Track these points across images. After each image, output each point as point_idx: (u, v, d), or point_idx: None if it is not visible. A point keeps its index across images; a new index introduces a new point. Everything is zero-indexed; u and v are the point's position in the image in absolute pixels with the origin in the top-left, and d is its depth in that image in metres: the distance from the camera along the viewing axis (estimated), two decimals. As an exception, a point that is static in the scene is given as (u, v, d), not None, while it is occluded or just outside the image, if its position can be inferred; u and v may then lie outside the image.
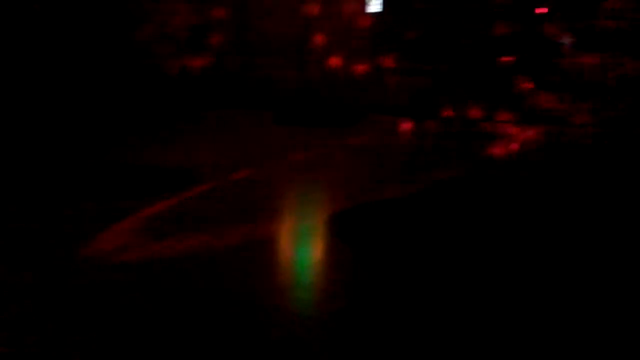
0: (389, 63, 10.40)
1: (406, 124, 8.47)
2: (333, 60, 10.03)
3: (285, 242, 4.67)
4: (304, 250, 4.47)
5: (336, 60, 10.09)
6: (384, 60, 10.44)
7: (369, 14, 11.18)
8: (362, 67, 10.13)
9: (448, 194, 5.56)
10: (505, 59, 11.05)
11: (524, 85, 10.34)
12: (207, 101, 9.95)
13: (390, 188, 5.70)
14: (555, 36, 12.53)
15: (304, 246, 4.55)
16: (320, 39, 10.02)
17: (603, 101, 9.92)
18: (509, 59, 11.09)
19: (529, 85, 10.40)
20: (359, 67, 10.12)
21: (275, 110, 9.24)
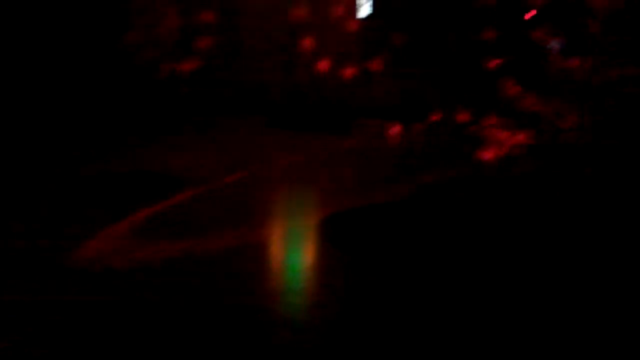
0: (377, 67, 10.43)
1: (395, 127, 8.48)
2: (322, 64, 10.04)
3: (276, 247, 4.68)
4: (295, 255, 4.49)
5: (325, 64, 10.10)
6: (373, 64, 10.47)
7: (358, 18, 11.21)
8: (351, 71, 10.15)
9: (437, 197, 5.60)
10: (493, 62, 11.12)
11: (511, 88, 10.41)
12: (197, 105, 9.92)
13: (380, 192, 5.73)
14: (542, 40, 12.62)
15: (295, 251, 4.57)
16: (309, 43, 10.04)
17: (589, 104, 10.01)
18: (497, 62, 11.16)
19: (516, 88, 10.47)
20: (348, 71, 10.14)
21: (265, 114, 9.24)
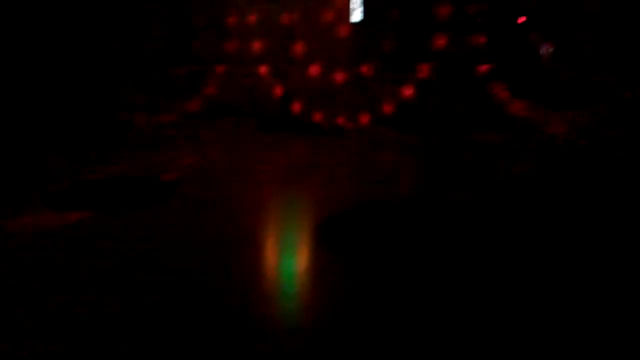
0: (370, 72, 10.53)
1: (387, 132, 8.59)
2: (314, 69, 10.13)
3: (269, 250, 4.75)
4: (289, 257, 4.56)
5: (318, 70, 10.19)
6: (366, 70, 10.56)
7: (350, 24, 11.30)
8: (344, 76, 10.24)
9: (433, 199, 5.67)
10: (483, 67, 11.24)
11: (501, 93, 10.54)
12: (190, 108, 9.98)
13: (375, 195, 5.81)
14: (533, 45, 12.75)
15: (289, 254, 4.64)
16: (302, 49, 10.12)
17: (578, 109, 10.15)
18: (487, 67, 11.28)
19: (505, 93, 10.60)
20: (341, 76, 10.23)
21: (256, 118, 9.31)
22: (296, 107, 9.44)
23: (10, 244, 4.54)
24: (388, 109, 9.43)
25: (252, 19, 10.14)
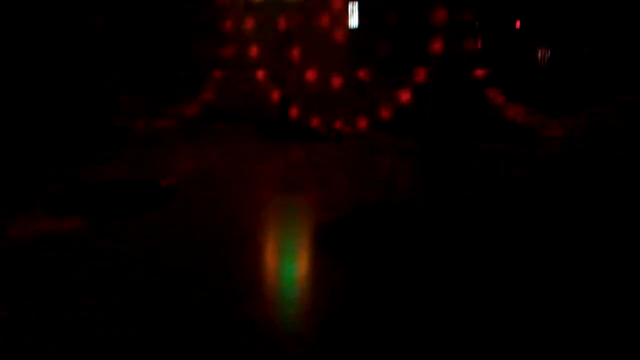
0: (367, 77, 10.57)
1: (384, 137, 8.62)
2: (312, 74, 10.16)
3: (269, 255, 4.77)
4: (288, 262, 4.58)
5: (316, 74, 10.22)
6: (363, 75, 10.60)
7: (348, 29, 11.34)
8: (342, 81, 10.28)
9: (432, 202, 5.70)
10: (480, 72, 11.29)
11: (497, 98, 10.60)
12: (189, 113, 10.00)
13: (374, 200, 5.83)
14: (530, 50, 12.82)
15: (288, 258, 4.66)
16: (300, 53, 10.15)
17: (575, 113, 10.21)
18: (483, 72, 11.33)
19: (501, 98, 10.66)
20: (338, 81, 10.27)
21: (255, 124, 9.34)
22: (294, 112, 9.47)
23: (9, 250, 4.55)
24: (386, 113, 9.47)
25: (250, 23, 10.17)
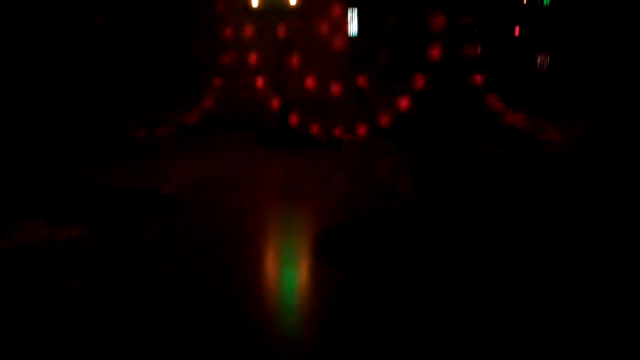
0: (367, 84, 10.59)
1: (385, 143, 8.64)
2: (312, 82, 10.19)
3: (269, 264, 4.79)
4: (288, 272, 4.61)
5: (315, 82, 10.25)
6: (362, 82, 10.63)
7: (347, 36, 11.38)
8: (341, 89, 10.30)
9: (432, 211, 5.71)
10: (479, 78, 11.32)
11: (497, 104, 10.61)
12: (189, 121, 10.02)
13: (373, 208, 5.84)
14: (529, 55, 12.84)
15: (288, 268, 4.69)
16: (299, 61, 10.19)
17: (574, 118, 10.22)
18: (482, 77, 11.36)
19: (500, 104, 10.68)
20: (338, 89, 10.29)
21: (255, 132, 9.36)
22: (294, 120, 9.50)
23: (7, 259, 4.58)
24: (385, 120, 9.50)
25: (249, 31, 10.21)
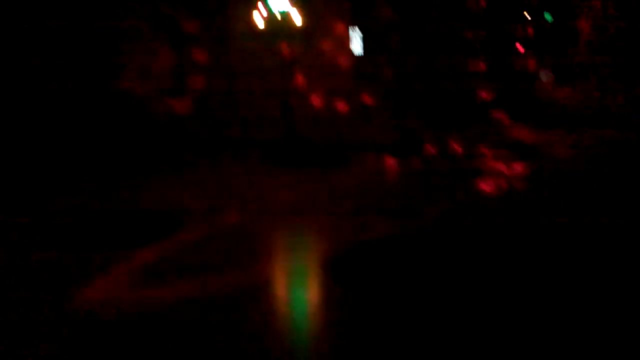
0: (372, 102, 10.56)
1: (391, 161, 8.56)
2: (317, 100, 10.16)
3: (279, 286, 4.70)
4: (298, 293, 4.53)
5: (320, 100, 10.22)
6: (368, 100, 10.60)
7: (351, 54, 11.38)
8: (347, 107, 10.27)
9: (439, 231, 5.61)
10: (485, 94, 11.29)
11: (504, 119, 10.56)
12: (194, 143, 10.00)
13: (380, 228, 5.74)
14: (533, 71, 12.82)
15: (298, 289, 4.61)
16: (304, 80, 10.17)
17: (581, 132, 10.17)
18: (489, 94, 11.33)
19: (507, 119, 10.62)
20: (343, 106, 10.26)
21: (262, 152, 9.30)
22: (301, 137, 9.45)
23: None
24: (391, 136, 9.42)
25: (257, 50, 10.22)
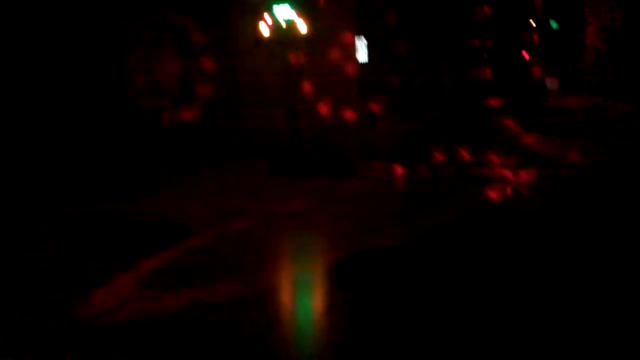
0: (378, 110, 10.56)
1: (398, 169, 8.53)
2: (323, 109, 10.17)
3: (285, 292, 4.67)
4: (304, 298, 4.50)
5: (326, 109, 10.23)
6: (374, 107, 10.60)
7: (357, 63, 11.39)
8: (353, 115, 10.27)
9: (445, 239, 5.57)
10: (493, 102, 11.26)
11: (512, 127, 10.53)
12: (200, 151, 10.01)
13: (386, 235, 5.71)
14: (539, 79, 12.81)
15: (304, 295, 4.58)
16: (310, 88, 10.18)
17: (592, 141, 10.12)
18: (497, 102, 11.30)
19: (515, 127, 10.59)
20: (349, 115, 10.26)
21: (268, 160, 9.28)
22: (307, 146, 9.44)
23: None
24: (397, 143, 9.41)
25: (263, 59, 10.25)
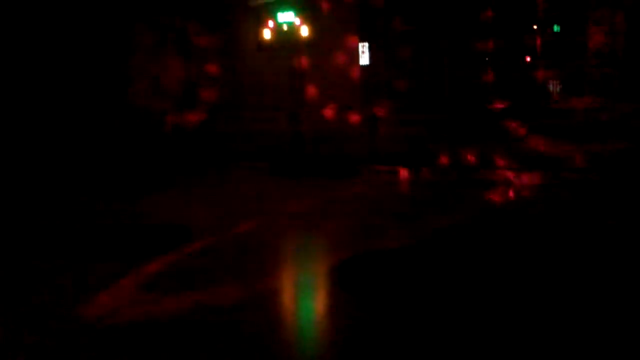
0: (381, 113, 10.53)
1: (401, 172, 8.50)
2: (326, 112, 10.15)
3: (288, 294, 4.64)
4: (306, 299, 4.48)
5: (329, 112, 10.21)
6: (377, 111, 10.57)
7: (360, 66, 11.37)
8: (356, 118, 10.24)
9: (448, 242, 5.53)
10: (497, 105, 11.23)
11: (517, 129, 10.49)
12: (203, 154, 10.00)
13: (389, 237, 5.67)
14: (545, 82, 12.77)
15: (307, 295, 4.56)
16: (313, 92, 10.17)
17: (593, 143, 10.07)
18: (501, 105, 11.27)
19: (520, 129, 10.55)
20: (352, 118, 10.23)
21: (270, 163, 9.27)
22: (309, 149, 9.41)
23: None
24: (401, 147, 9.36)
25: (266, 63, 10.24)
